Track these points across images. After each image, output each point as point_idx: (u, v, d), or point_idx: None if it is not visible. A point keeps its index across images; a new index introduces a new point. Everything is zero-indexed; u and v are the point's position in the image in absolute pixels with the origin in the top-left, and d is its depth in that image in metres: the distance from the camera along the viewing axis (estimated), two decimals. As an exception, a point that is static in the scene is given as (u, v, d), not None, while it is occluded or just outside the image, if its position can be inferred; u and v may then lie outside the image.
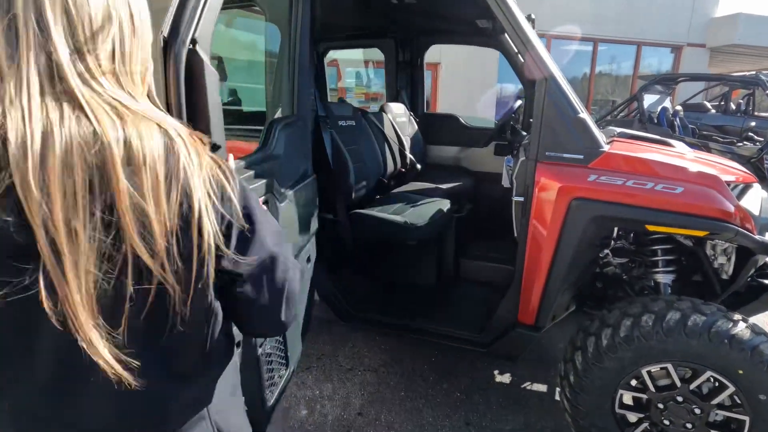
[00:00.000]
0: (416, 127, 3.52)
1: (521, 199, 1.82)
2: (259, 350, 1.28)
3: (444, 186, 3.02)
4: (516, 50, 1.73)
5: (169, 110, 0.90)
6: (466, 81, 9.16)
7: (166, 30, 0.87)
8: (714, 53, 11.15)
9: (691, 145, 3.06)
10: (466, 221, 2.74)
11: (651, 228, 1.65)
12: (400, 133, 3.14)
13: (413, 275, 2.62)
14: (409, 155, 3.15)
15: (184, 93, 0.89)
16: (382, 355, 2.72)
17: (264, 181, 1.28)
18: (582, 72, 10.78)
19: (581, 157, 1.66)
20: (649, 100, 6.07)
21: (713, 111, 7.35)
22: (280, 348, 1.49)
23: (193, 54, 0.91)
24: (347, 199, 2.33)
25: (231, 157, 1.04)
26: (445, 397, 2.35)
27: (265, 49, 2.01)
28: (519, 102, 2.90)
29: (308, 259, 1.98)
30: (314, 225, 1.98)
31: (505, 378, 2.53)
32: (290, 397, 2.37)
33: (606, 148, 1.69)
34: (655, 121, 5.81)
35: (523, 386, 2.47)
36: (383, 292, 2.52)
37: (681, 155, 1.87)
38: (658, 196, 1.59)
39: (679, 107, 6.12)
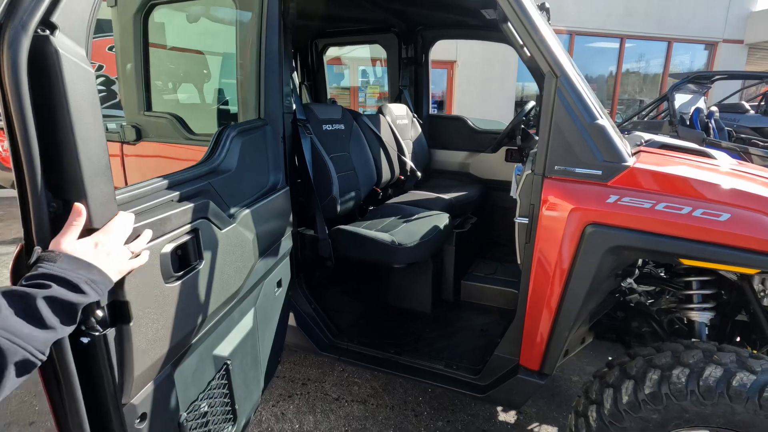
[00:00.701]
0: (419, 129, 3.24)
1: (525, 220, 1.52)
2: (182, 416, 1.03)
3: (446, 196, 2.73)
4: (521, 42, 1.43)
5: (8, 120, 0.65)
6: (485, 80, 8.79)
7: (-1, 9, 0.62)
8: (753, 50, 10.44)
9: (728, 151, 2.69)
10: (469, 237, 2.45)
11: (686, 262, 1.33)
12: (399, 137, 2.86)
13: (405, 300, 2.34)
14: (408, 162, 2.87)
15: (29, 97, 0.64)
16: (374, 383, 2.45)
17: (191, 205, 1.03)
18: (608, 70, 10.22)
19: (599, 172, 1.35)
20: (680, 99, 5.59)
21: (752, 112, 6.78)
22: (224, 402, 1.24)
23: (43, 44, 0.65)
24: (331, 212, 2.07)
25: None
26: (439, 438, 2.07)
27: (237, 42, 1.76)
28: (531, 103, 2.59)
29: (278, 284, 1.73)
30: (286, 244, 1.73)
31: (510, 417, 2.22)
32: (267, 430, 2.13)
33: (630, 162, 1.37)
34: (687, 123, 5.33)
35: (530, 428, 2.16)
36: (369, 319, 2.24)
37: (726, 170, 1.53)
38: (698, 223, 1.26)
39: (714, 108, 5.62)
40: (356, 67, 8.47)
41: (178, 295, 0.97)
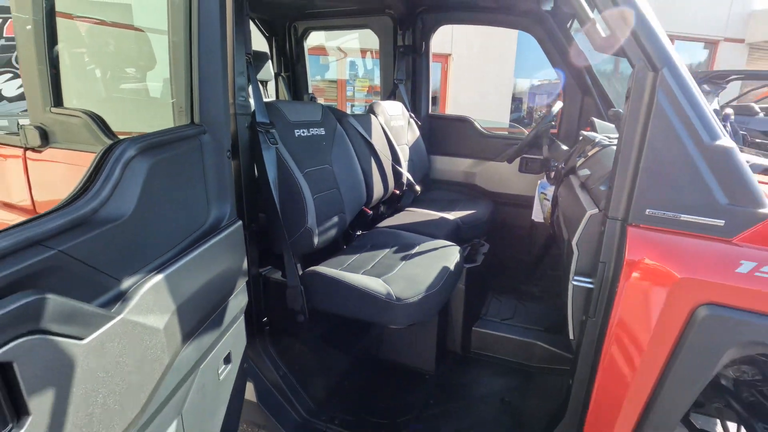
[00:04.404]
0: (417, 132, 2.72)
1: (588, 284, 1.03)
2: None
3: (450, 215, 2.23)
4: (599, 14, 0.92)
5: None
6: (481, 76, 8.29)
7: None
8: (753, 49, 10.16)
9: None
10: (482, 271, 1.95)
11: None
12: (393, 142, 2.34)
13: (402, 355, 1.84)
14: (405, 173, 2.35)
15: None
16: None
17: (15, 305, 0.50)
18: (604, 68, 9.82)
19: (721, 223, 0.86)
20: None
21: (761, 114, 6.43)
22: None
23: None
24: (305, 246, 1.54)
25: None
26: None
27: (168, 7, 1.21)
28: (559, 104, 2.10)
29: (226, 359, 1.21)
30: (236, 304, 1.21)
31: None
32: None
33: None
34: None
35: None
36: (356, 384, 1.73)
37: None
38: None
39: (729, 110, 5.23)
40: (344, 57, 7.87)
41: None
